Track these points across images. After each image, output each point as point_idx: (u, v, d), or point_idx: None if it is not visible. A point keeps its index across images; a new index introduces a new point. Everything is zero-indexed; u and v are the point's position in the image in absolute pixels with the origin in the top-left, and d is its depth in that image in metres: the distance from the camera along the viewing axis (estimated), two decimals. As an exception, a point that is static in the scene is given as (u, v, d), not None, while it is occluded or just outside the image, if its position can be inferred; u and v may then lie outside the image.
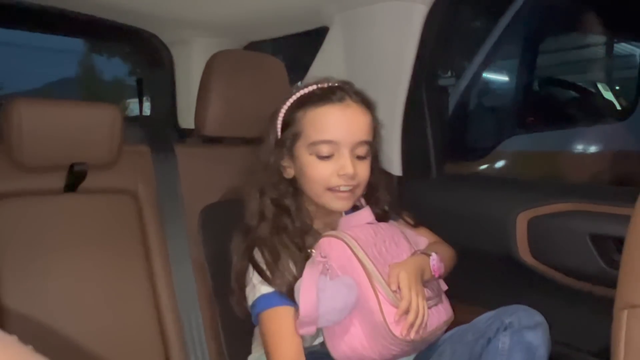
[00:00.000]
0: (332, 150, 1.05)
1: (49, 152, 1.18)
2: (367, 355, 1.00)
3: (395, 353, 1.00)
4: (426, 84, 1.57)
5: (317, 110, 1.07)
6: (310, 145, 1.06)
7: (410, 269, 1.02)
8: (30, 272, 1.14)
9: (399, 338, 0.96)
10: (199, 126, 1.42)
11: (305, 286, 0.97)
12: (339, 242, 1.01)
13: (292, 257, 1.05)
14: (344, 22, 1.66)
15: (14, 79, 6.47)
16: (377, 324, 0.97)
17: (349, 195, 1.08)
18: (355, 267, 0.99)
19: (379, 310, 0.96)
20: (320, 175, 1.06)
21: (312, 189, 1.09)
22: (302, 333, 1.00)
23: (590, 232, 1.17)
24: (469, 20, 2.86)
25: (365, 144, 1.08)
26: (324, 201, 1.09)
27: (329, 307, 0.96)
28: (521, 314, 0.98)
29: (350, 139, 1.06)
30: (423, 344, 1.06)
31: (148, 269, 1.27)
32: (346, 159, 1.05)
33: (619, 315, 0.71)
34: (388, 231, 1.11)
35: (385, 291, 0.97)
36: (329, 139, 1.05)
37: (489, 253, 1.36)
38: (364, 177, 1.09)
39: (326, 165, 1.06)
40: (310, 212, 1.13)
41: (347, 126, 1.06)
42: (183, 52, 2.08)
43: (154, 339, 1.23)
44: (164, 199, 1.32)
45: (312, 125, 1.06)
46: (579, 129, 2.82)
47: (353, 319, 0.99)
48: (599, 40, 3.84)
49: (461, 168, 2.46)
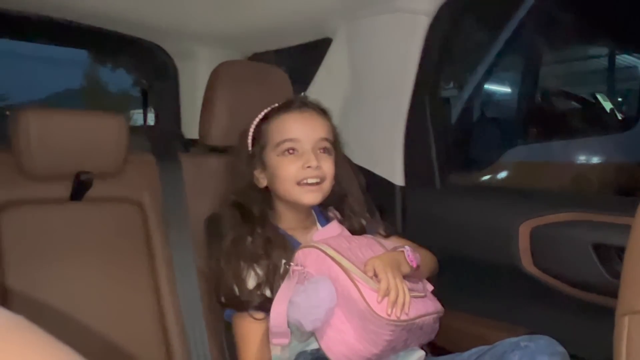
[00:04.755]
0: (296, 147, 1.16)
1: (56, 160, 1.19)
2: (363, 349, 1.01)
3: (390, 338, 1.01)
4: (429, 95, 1.58)
5: (279, 119, 1.19)
6: (275, 147, 1.17)
7: (385, 258, 1.07)
8: (35, 281, 1.14)
9: (385, 318, 0.98)
10: (204, 136, 1.43)
11: (277, 298, 1.04)
12: (313, 250, 1.06)
13: (253, 267, 1.11)
14: (347, 33, 1.67)
15: (18, 89, 6.50)
16: (363, 311, 0.99)
17: (316, 187, 1.16)
18: (330, 266, 1.03)
19: (360, 297, 0.99)
20: (288, 171, 1.15)
21: (283, 187, 1.17)
22: (275, 343, 1.06)
23: (593, 241, 1.18)
24: (472, 32, 2.86)
25: (326, 140, 1.19)
26: (295, 196, 1.17)
27: (307, 306, 1.00)
28: (541, 342, 0.99)
29: (311, 136, 1.17)
30: (416, 333, 1.07)
31: (153, 278, 1.27)
32: (309, 153, 1.15)
33: (620, 321, 0.72)
34: (362, 240, 1.16)
35: (363, 279, 1.01)
36: (290, 137, 1.16)
37: (492, 263, 1.36)
38: (329, 171, 1.18)
39: (292, 162, 1.15)
40: (281, 215, 1.22)
41: (306, 126, 1.18)
42: (187, 63, 2.09)
43: (157, 348, 1.23)
44: (169, 208, 1.32)
45: (276, 131, 1.18)
46: (581, 140, 2.83)
47: (341, 317, 1.02)
48: (601, 52, 3.85)
49: (464, 179, 2.46)
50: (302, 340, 1.09)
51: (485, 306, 1.41)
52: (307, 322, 1.00)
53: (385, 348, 1.02)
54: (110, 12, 1.67)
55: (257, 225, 1.16)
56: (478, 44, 3.00)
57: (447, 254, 1.32)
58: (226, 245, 1.14)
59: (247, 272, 1.12)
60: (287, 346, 1.08)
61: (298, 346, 1.11)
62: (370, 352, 1.01)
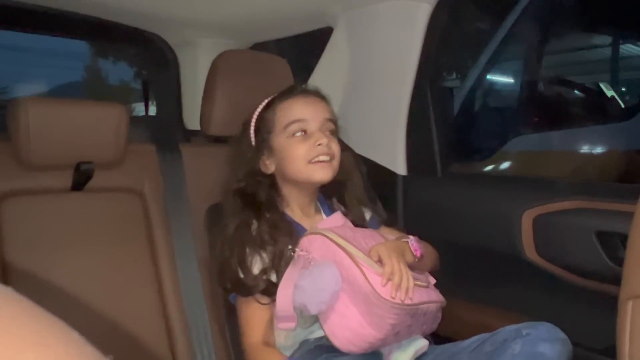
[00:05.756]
0: (304, 127, 1.18)
1: (56, 151, 1.19)
2: (367, 334, 1.02)
3: (394, 322, 1.01)
4: (431, 83, 1.57)
5: (283, 103, 1.21)
6: (283, 130, 1.19)
7: (389, 245, 1.09)
8: (36, 271, 1.14)
9: (390, 301, 0.99)
10: (205, 126, 1.42)
11: (283, 282, 1.05)
12: (318, 237, 1.08)
13: (259, 252, 1.12)
14: (349, 22, 1.66)
15: (20, 83, 6.49)
16: (368, 295, 1.00)
17: (328, 164, 1.18)
18: (335, 251, 1.05)
19: (365, 280, 1.00)
20: (299, 151, 1.17)
21: (295, 168, 1.18)
22: (280, 327, 1.06)
23: (597, 229, 1.17)
24: (474, 20, 2.85)
25: (331, 121, 1.21)
26: (307, 174, 1.17)
27: (312, 289, 1.01)
28: (542, 329, 0.99)
29: (317, 117, 1.19)
30: (419, 319, 1.07)
31: (154, 267, 1.27)
32: (318, 132, 1.17)
33: (623, 305, 0.71)
34: (366, 232, 1.17)
35: (368, 263, 1.03)
36: (298, 118, 1.18)
37: (495, 251, 1.35)
38: (337, 151, 1.20)
39: (302, 141, 1.17)
40: (288, 201, 1.23)
41: (311, 107, 1.20)
42: (188, 53, 2.08)
43: (160, 336, 1.23)
44: (170, 198, 1.32)
45: (282, 115, 1.20)
46: (584, 129, 2.82)
47: (345, 301, 1.03)
48: (604, 41, 3.83)
49: (467, 169, 2.46)
50: (305, 326, 1.09)
51: (488, 295, 1.41)
52: (312, 306, 1.01)
53: (388, 333, 1.02)
54: (110, 3, 1.66)
55: (264, 211, 1.16)
56: (480, 33, 2.99)
57: (449, 242, 1.31)
58: (230, 232, 1.14)
59: (253, 257, 1.12)
60: (291, 333, 1.09)
61: (301, 334, 1.11)
62: (374, 336, 1.02)
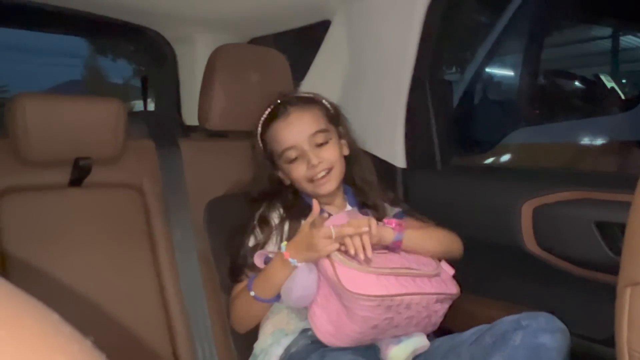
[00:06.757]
0: (296, 153, 1.24)
1: (54, 146, 1.19)
2: (345, 327, 1.06)
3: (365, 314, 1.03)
4: (429, 76, 1.56)
5: (271, 129, 1.28)
6: (280, 157, 1.27)
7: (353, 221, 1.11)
8: (36, 266, 1.14)
9: (354, 293, 1.02)
10: (203, 120, 1.42)
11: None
12: None
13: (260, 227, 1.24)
14: (346, 15, 1.66)
15: (20, 81, 6.51)
16: (336, 286, 1.05)
17: (326, 178, 1.25)
18: None
19: (333, 273, 1.05)
20: (299, 174, 1.25)
21: (301, 186, 1.28)
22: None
23: (596, 219, 1.17)
24: (472, 12, 2.84)
25: (318, 132, 1.25)
26: (313, 191, 1.26)
27: (285, 288, 1.10)
28: (541, 319, 0.99)
29: (302, 136, 1.24)
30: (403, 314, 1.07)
31: (154, 262, 1.27)
32: (309, 153, 1.23)
33: (622, 293, 0.71)
34: None
35: (342, 261, 1.07)
36: (286, 147, 1.25)
37: (495, 243, 1.35)
38: (333, 158, 1.26)
39: (298, 166, 1.25)
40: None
41: (295, 129, 1.25)
42: (186, 48, 2.08)
43: (160, 330, 1.23)
44: (169, 193, 1.32)
45: (274, 142, 1.28)
46: (584, 121, 2.81)
47: (327, 296, 1.10)
48: (604, 33, 3.82)
49: (467, 162, 2.45)
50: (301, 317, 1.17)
51: (488, 286, 1.41)
52: (290, 302, 1.11)
53: (364, 326, 1.05)
54: (107, -1, 1.66)
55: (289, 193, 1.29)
56: (479, 25, 2.98)
57: (449, 234, 1.31)
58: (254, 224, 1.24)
59: (251, 233, 1.23)
60: (292, 320, 1.16)
61: (300, 324, 1.15)
62: (351, 329, 1.06)
